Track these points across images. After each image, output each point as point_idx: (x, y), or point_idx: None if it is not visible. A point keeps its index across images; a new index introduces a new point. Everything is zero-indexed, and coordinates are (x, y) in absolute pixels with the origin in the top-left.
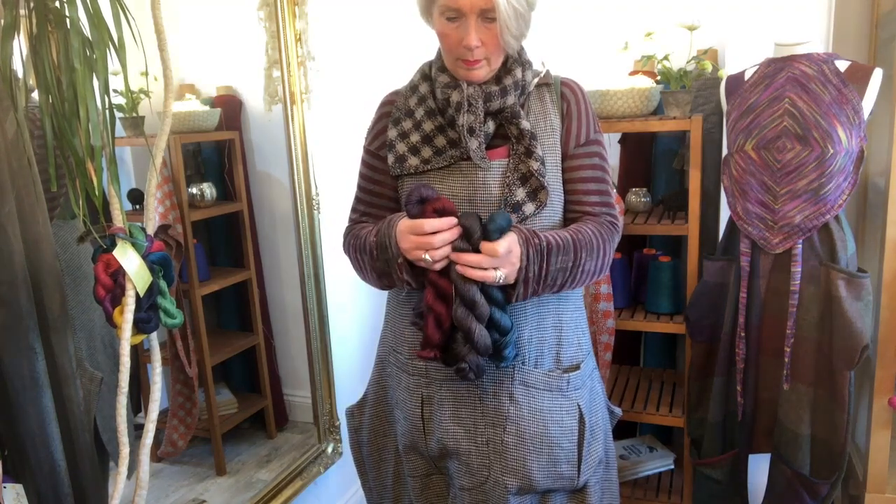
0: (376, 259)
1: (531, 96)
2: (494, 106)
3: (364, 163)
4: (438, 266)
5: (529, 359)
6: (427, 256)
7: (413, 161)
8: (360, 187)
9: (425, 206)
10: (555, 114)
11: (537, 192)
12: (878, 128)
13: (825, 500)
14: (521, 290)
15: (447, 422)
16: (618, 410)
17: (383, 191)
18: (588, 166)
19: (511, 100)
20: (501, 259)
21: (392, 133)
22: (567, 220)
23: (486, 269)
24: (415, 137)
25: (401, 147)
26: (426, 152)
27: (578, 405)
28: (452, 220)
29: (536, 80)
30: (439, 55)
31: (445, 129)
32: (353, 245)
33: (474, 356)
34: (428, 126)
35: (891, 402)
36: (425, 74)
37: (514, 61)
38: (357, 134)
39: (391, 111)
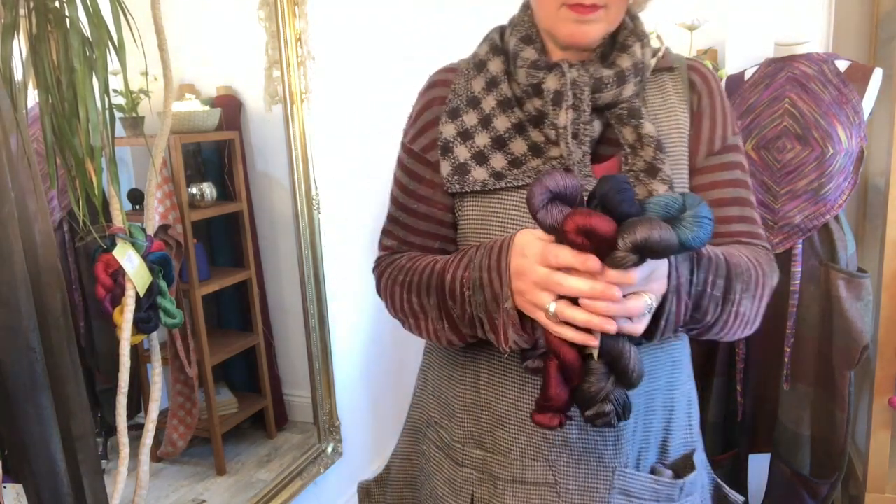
0: (460, 302)
1: (648, 85)
2: (606, 98)
3: (403, 167)
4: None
5: (631, 456)
6: (552, 307)
7: (479, 174)
8: (396, 202)
9: (566, 218)
10: (683, 111)
11: None
12: (878, 128)
13: (825, 500)
14: (669, 320)
15: None
16: (738, 498)
17: (432, 210)
18: (726, 183)
19: (630, 90)
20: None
21: (448, 130)
22: None
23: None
24: (482, 139)
25: (461, 152)
26: (498, 162)
27: None
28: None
29: (654, 61)
30: (520, 18)
31: (526, 129)
32: (402, 282)
33: (621, 391)
34: (502, 123)
35: (891, 402)
36: (496, 46)
37: (629, 33)
38: (357, 134)
39: (446, 96)
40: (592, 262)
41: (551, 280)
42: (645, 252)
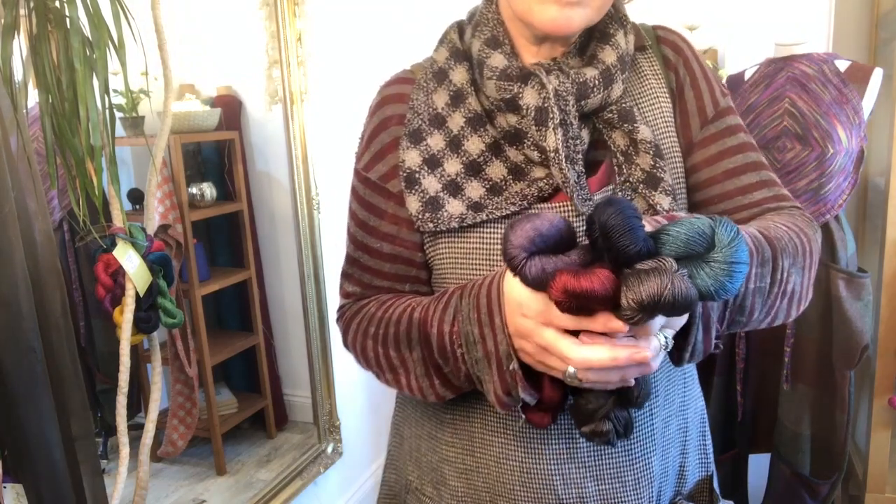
0: (453, 360)
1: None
2: (593, 104)
3: (360, 199)
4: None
5: (653, 496)
6: (572, 372)
7: (455, 207)
8: (355, 241)
9: (551, 285)
10: (664, 95)
11: None
12: (878, 128)
13: (825, 500)
14: (696, 350)
15: None
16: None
17: (398, 250)
18: (734, 149)
19: (618, 90)
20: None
21: (411, 157)
22: None
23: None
24: (453, 166)
25: (430, 183)
26: (475, 190)
27: None
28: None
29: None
30: (483, 14)
31: (503, 148)
32: (375, 335)
33: (622, 411)
34: (474, 145)
35: (891, 402)
36: (457, 50)
37: (609, 19)
38: (358, 134)
39: (404, 114)
40: (614, 323)
41: (559, 350)
42: (655, 312)
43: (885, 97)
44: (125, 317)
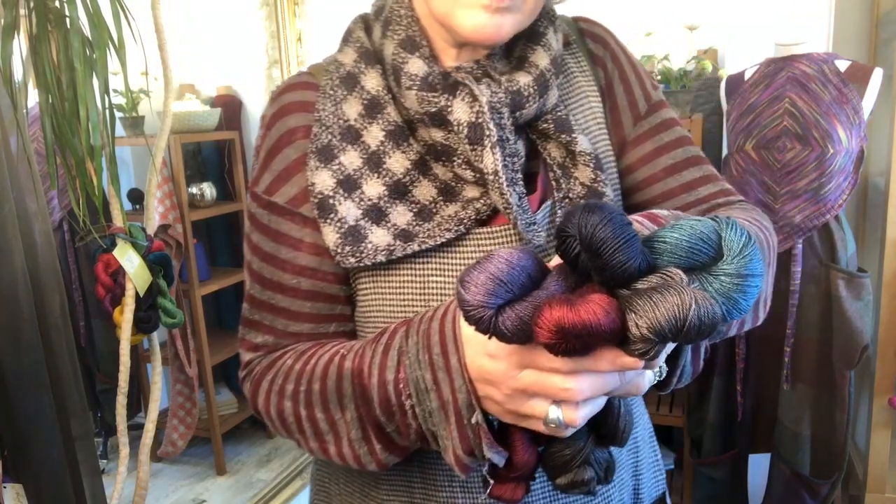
0: (401, 415)
1: None
2: (528, 115)
3: (264, 229)
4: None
5: None
6: (554, 414)
7: (379, 237)
8: (262, 280)
9: (537, 324)
10: (594, 94)
11: None
12: (878, 128)
13: (825, 500)
14: (685, 373)
15: None
16: None
17: (319, 285)
18: (673, 144)
19: (553, 97)
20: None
21: (322, 179)
22: None
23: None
24: (374, 188)
25: (348, 210)
26: (401, 216)
27: None
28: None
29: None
30: (395, 9)
31: (429, 165)
32: (295, 393)
33: (603, 451)
34: (398, 163)
35: (891, 402)
36: (366, 51)
37: (539, 16)
38: None
39: (309, 126)
40: (625, 359)
41: (549, 386)
42: (675, 340)
43: (885, 97)
44: (125, 317)
